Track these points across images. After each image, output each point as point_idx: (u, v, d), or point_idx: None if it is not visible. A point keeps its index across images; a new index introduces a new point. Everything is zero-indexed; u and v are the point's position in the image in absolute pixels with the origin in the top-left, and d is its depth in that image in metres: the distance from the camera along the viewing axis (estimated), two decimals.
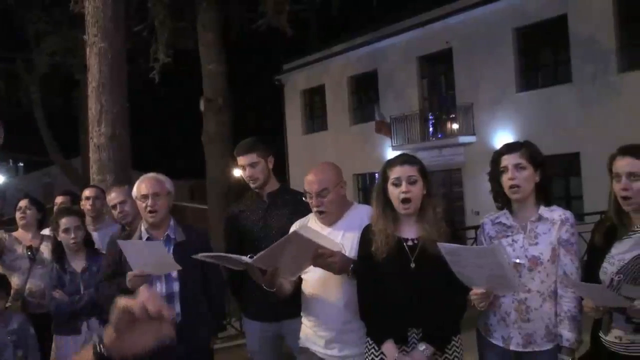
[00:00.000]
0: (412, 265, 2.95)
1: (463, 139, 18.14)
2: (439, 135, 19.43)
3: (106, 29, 7.39)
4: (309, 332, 3.33)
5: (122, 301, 1.37)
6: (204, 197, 15.74)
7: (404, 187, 2.94)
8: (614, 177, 2.77)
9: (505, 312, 3.03)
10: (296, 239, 2.86)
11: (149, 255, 3.40)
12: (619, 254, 2.76)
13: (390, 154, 17.97)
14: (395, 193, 2.97)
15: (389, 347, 2.93)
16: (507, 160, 3.04)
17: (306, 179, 3.28)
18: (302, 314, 3.39)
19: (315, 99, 24.85)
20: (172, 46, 14.30)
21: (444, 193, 19.54)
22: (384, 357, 2.96)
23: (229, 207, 4.53)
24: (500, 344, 3.06)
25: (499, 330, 3.07)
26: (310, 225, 3.32)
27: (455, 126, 18.95)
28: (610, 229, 2.84)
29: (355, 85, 22.86)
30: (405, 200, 2.94)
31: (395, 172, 2.98)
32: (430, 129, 19.65)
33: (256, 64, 27.48)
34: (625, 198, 2.72)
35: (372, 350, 3.04)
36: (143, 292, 1.39)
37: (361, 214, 3.27)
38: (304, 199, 3.33)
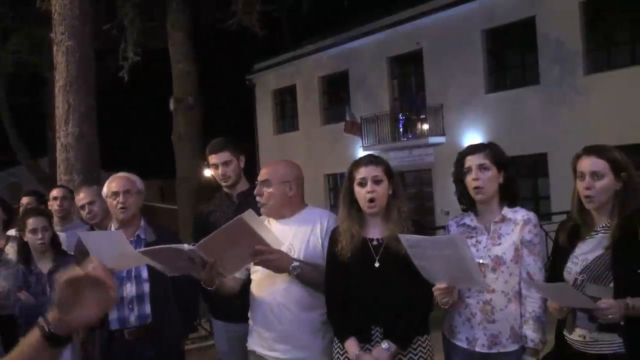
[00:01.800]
0: (377, 264, 2.99)
1: (433, 139, 18.29)
2: (409, 136, 19.55)
3: (73, 27, 7.30)
4: (255, 333, 3.31)
5: (64, 274, 1.39)
6: (174, 197, 15.60)
7: (369, 187, 2.99)
8: (577, 176, 2.80)
9: (470, 313, 3.05)
10: (240, 225, 2.80)
11: (111, 247, 3.30)
12: (583, 254, 2.79)
13: (361, 154, 17.97)
14: (361, 193, 3.01)
15: (351, 344, 2.97)
16: (471, 161, 3.08)
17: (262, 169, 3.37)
18: (249, 315, 3.37)
19: (287, 99, 24.83)
20: (141, 45, 14.17)
21: (414, 193, 19.69)
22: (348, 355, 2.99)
23: (198, 207, 4.51)
24: (465, 345, 3.08)
25: (464, 331, 3.08)
26: (265, 221, 3.32)
27: (425, 127, 19.09)
28: (573, 229, 2.87)
29: (326, 85, 22.90)
30: (371, 200, 2.98)
31: (361, 173, 3.02)
32: (401, 130, 19.76)
33: (227, 63, 27.36)
34: (588, 197, 2.75)
35: (338, 348, 3.07)
36: (92, 260, 1.42)
37: (314, 217, 3.30)
38: (249, 200, 3.38)
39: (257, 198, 3.28)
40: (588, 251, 2.78)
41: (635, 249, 2.64)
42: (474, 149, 3.13)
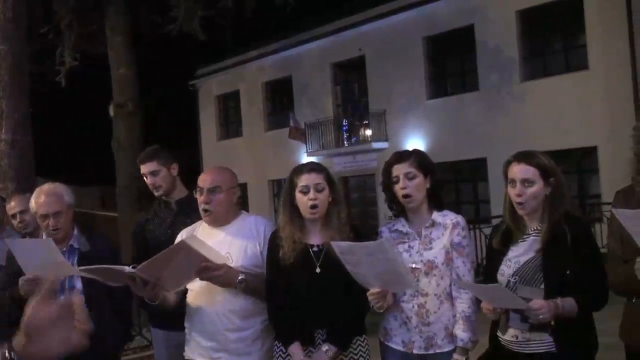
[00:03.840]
0: (318, 270, 3.04)
1: (376, 144, 18.48)
2: (353, 141, 19.71)
3: (6, 30, 7.09)
4: (194, 342, 3.29)
5: (35, 301, 1.29)
6: (115, 204, 15.31)
7: (311, 194, 3.03)
8: (509, 182, 2.87)
9: (406, 317, 3.10)
10: (182, 248, 2.84)
11: (41, 256, 3.21)
12: (515, 257, 2.86)
13: (305, 159, 18.07)
14: (303, 200, 3.05)
15: (295, 348, 3.00)
16: (398, 170, 3.12)
17: (200, 177, 3.31)
18: (185, 324, 3.35)
19: (230, 104, 24.71)
20: (80, 49, 13.87)
21: (357, 198, 19.85)
22: (290, 359, 3.02)
23: (137, 216, 4.45)
24: (402, 348, 3.12)
25: (400, 334, 3.13)
26: (199, 230, 3.32)
27: (368, 132, 19.27)
28: (506, 232, 2.94)
29: (270, 91, 22.88)
30: (313, 207, 3.03)
31: (303, 180, 3.06)
32: (344, 135, 19.91)
33: (170, 68, 26.99)
34: (519, 203, 2.82)
35: (280, 353, 3.09)
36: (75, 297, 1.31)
37: (250, 224, 3.31)
38: (194, 194, 3.33)
39: (204, 206, 3.24)
40: (520, 254, 2.85)
41: (564, 252, 2.72)
42: (399, 158, 3.17)
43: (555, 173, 2.82)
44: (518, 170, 2.82)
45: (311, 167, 3.13)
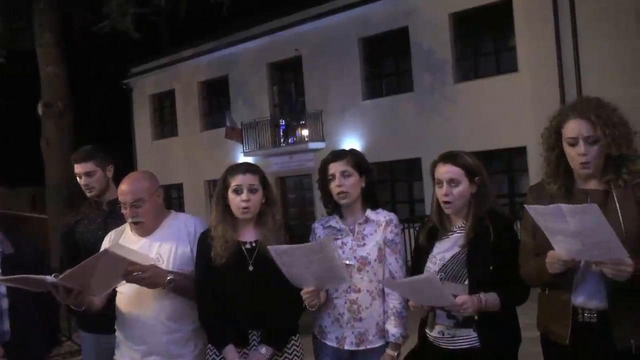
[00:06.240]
0: (251, 268, 3.04)
1: (313, 144, 18.53)
2: (290, 141, 19.72)
3: None
4: (124, 346, 3.25)
5: None
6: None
7: (245, 195, 3.03)
8: (436, 182, 2.95)
9: (339, 312, 3.14)
10: (107, 256, 2.81)
11: None
12: (440, 253, 2.94)
13: (242, 160, 17.99)
14: (236, 200, 3.05)
15: (229, 351, 2.99)
16: (334, 168, 3.18)
17: (119, 189, 3.22)
18: (116, 327, 3.31)
19: (165, 104, 24.35)
20: (7, 46, 13.41)
21: (295, 198, 19.89)
22: None
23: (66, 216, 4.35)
24: (335, 344, 3.16)
25: (333, 331, 3.17)
26: (127, 234, 3.28)
27: (305, 132, 19.32)
28: (432, 230, 3.02)
29: (206, 90, 22.66)
30: (245, 208, 3.03)
31: (237, 180, 3.06)
32: (281, 135, 19.90)
33: (103, 66, 26.39)
34: (446, 202, 2.90)
35: (214, 355, 3.08)
36: None
37: (180, 223, 3.28)
38: (117, 208, 3.26)
39: (132, 219, 3.18)
40: (445, 250, 2.93)
41: (487, 248, 2.81)
42: (336, 156, 3.23)
43: (480, 172, 2.92)
44: (444, 171, 2.90)
45: (246, 168, 3.12)
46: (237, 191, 3.04)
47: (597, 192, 2.62)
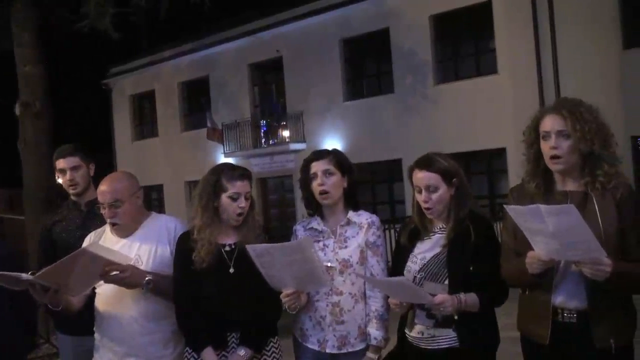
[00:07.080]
0: (231, 270, 3.02)
1: (294, 145, 18.52)
2: (271, 142, 19.69)
3: None
4: (103, 348, 3.22)
5: None
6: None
7: (243, 202, 3.04)
8: (415, 188, 2.95)
9: (320, 315, 3.12)
10: (85, 255, 2.78)
11: None
12: (421, 253, 2.94)
13: (223, 160, 17.91)
14: (232, 206, 3.03)
15: (208, 352, 2.96)
16: (316, 167, 3.16)
17: (99, 189, 3.18)
18: (95, 329, 3.28)
19: (145, 104, 24.18)
20: None
21: (276, 199, 19.85)
22: None
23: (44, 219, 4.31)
24: (316, 347, 3.14)
25: (315, 334, 3.15)
26: (107, 235, 3.25)
27: (286, 133, 19.29)
28: (413, 231, 3.02)
29: (186, 91, 22.55)
30: (241, 214, 3.04)
31: (236, 187, 3.03)
32: (262, 136, 19.86)
33: (82, 67, 26.12)
34: (427, 209, 2.91)
35: (192, 358, 3.05)
36: None
37: (160, 225, 3.26)
38: (96, 209, 3.24)
39: (110, 220, 3.15)
40: (426, 250, 2.93)
41: (467, 249, 2.82)
42: (318, 155, 3.21)
43: (457, 174, 2.92)
44: (421, 177, 2.90)
45: (242, 174, 3.09)
46: (235, 198, 3.02)
47: (576, 194, 2.64)
